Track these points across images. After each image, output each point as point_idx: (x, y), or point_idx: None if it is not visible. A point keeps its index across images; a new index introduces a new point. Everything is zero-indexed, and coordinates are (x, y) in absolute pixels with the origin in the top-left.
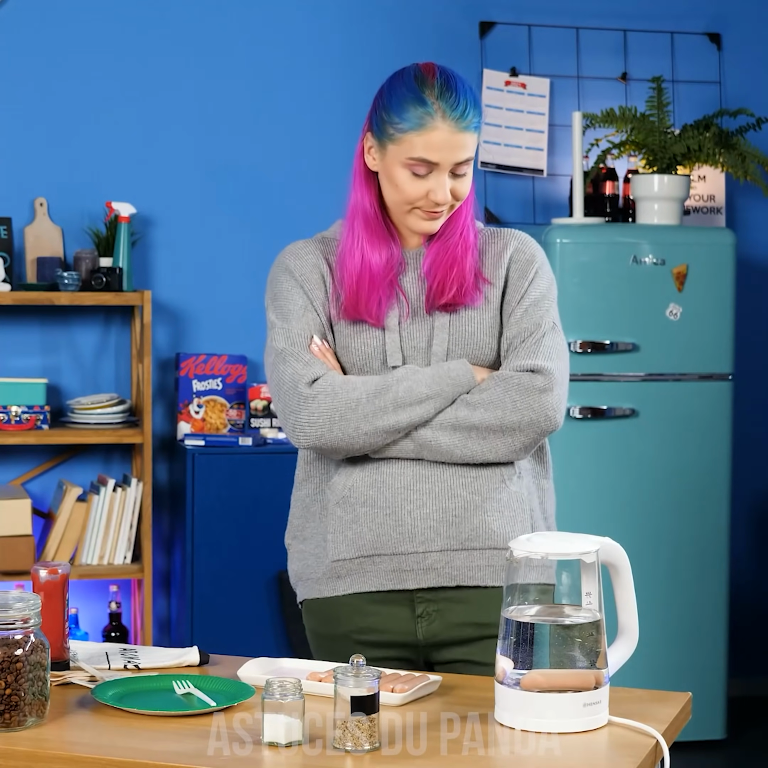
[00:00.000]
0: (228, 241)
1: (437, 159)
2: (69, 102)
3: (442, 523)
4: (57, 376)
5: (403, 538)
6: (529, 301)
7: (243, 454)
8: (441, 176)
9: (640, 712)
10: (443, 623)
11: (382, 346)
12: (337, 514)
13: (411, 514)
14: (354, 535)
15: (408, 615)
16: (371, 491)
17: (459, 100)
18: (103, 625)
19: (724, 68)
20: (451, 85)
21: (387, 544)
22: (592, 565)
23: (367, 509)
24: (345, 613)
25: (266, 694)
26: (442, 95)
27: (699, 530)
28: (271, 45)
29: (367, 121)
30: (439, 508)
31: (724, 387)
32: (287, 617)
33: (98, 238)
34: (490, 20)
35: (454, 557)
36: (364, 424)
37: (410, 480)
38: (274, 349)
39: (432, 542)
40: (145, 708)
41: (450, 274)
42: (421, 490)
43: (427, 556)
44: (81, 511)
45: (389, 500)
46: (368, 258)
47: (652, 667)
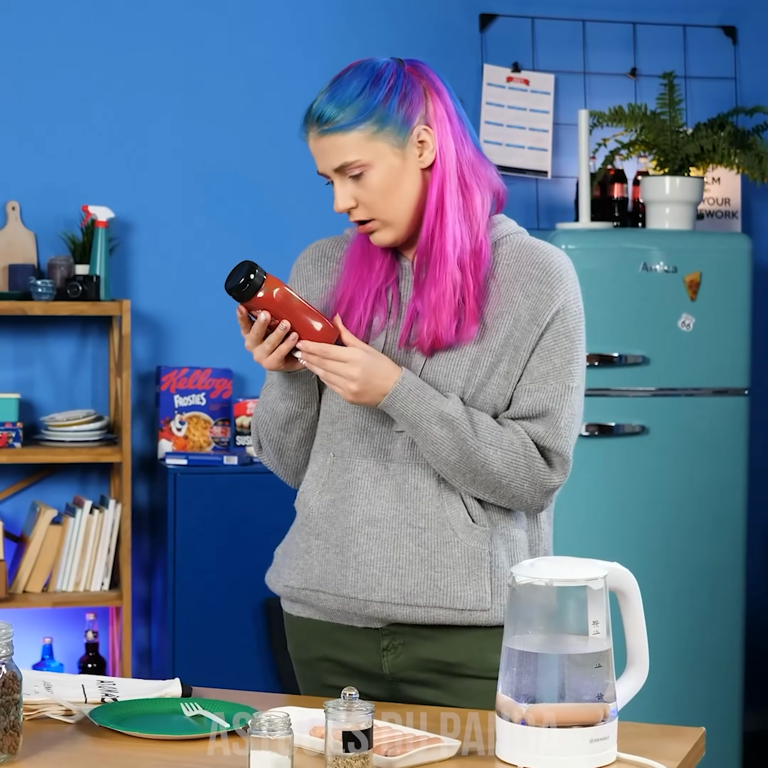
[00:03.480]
0: (212, 248)
1: (319, 168)
2: (43, 99)
3: (385, 572)
4: (30, 391)
5: (346, 581)
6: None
7: (228, 474)
8: (335, 185)
9: (651, 748)
10: (409, 658)
11: None
12: (295, 539)
13: (356, 557)
14: (305, 566)
15: (373, 647)
16: (325, 524)
17: (321, 102)
18: (79, 656)
19: (739, 63)
20: (333, 84)
21: (331, 583)
22: (599, 591)
23: (320, 542)
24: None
25: (253, 729)
26: (316, 99)
27: (713, 554)
28: (258, 38)
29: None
30: (383, 556)
31: (739, 402)
32: (275, 647)
33: (74, 244)
34: (490, 12)
35: (396, 611)
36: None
37: (360, 521)
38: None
39: (373, 591)
40: (153, 732)
41: (430, 320)
42: (369, 534)
43: (368, 605)
44: (56, 535)
45: (339, 538)
46: (361, 269)
47: (663, 700)
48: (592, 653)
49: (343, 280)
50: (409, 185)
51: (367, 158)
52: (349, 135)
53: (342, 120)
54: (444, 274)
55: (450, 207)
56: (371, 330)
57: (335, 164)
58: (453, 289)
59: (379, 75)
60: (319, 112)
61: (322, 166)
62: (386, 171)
